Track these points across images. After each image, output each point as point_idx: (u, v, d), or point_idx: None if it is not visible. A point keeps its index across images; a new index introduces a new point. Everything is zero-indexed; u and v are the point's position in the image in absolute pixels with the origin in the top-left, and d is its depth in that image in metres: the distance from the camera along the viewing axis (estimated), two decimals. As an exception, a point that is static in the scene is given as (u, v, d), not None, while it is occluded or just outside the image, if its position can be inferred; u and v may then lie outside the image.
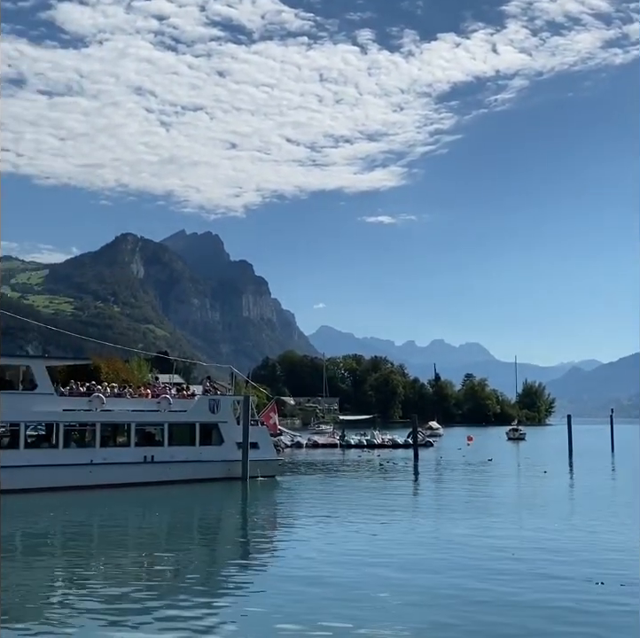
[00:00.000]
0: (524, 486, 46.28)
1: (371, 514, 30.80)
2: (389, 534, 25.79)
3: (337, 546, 23.53)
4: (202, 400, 44.36)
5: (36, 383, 38.91)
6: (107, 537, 27.31)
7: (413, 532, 26.57)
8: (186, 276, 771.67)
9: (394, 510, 32.51)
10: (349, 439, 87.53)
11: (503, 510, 32.83)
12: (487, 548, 23.14)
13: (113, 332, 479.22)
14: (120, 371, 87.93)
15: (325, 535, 25.83)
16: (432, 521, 29.48)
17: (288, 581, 18.67)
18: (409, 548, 23.23)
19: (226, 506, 36.73)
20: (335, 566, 20.30)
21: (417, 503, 37.30)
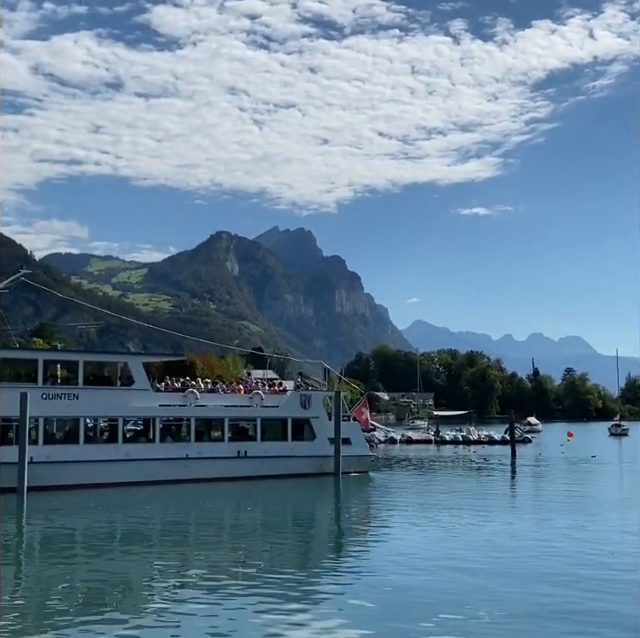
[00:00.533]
0: (626, 483, 44.48)
1: (466, 513, 30.10)
2: (484, 536, 25.02)
3: (431, 547, 22.98)
4: (294, 395, 44.46)
5: (133, 379, 39.79)
6: (202, 531, 27.61)
7: (509, 533, 25.65)
8: (279, 273, 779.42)
9: (489, 510, 31.66)
10: (444, 435, 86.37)
11: (604, 510, 31.52)
12: (587, 552, 22.16)
13: (210, 329, 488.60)
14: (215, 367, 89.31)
15: (419, 535, 25.35)
16: (529, 522, 28.48)
17: (379, 584, 18.13)
18: (505, 551, 22.36)
19: (319, 502, 36.66)
20: (429, 569, 19.67)
21: (514, 502, 36.27)
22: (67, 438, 38.14)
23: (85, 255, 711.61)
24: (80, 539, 25.78)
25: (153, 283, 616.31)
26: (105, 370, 41.45)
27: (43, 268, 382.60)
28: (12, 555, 23.06)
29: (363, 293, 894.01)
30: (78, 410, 37.68)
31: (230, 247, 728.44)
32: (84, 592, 17.71)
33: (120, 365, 41.50)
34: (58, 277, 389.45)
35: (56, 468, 36.12)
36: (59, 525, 28.21)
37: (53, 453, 36.55)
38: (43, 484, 34.83)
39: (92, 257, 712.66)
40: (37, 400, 35.89)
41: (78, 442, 37.55)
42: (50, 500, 33.05)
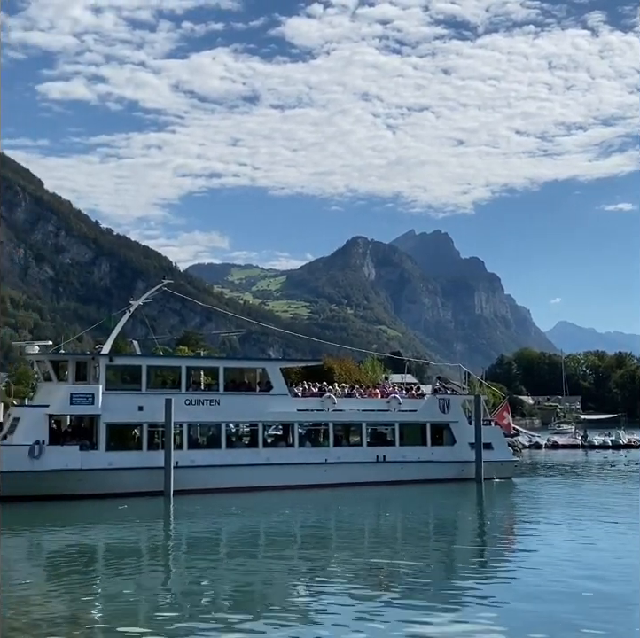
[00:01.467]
0: None
1: (617, 522, 28.53)
2: (636, 547, 23.61)
3: (580, 556, 21.89)
4: (432, 399, 43.78)
5: (272, 384, 40.35)
6: (342, 535, 27.57)
7: None
8: (417, 276, 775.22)
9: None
10: (592, 440, 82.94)
11: None
12: None
13: (348, 334, 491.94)
14: (353, 372, 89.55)
15: (565, 544, 24.23)
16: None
17: (527, 596, 17.28)
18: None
19: (461, 508, 35.80)
20: (579, 580, 18.69)
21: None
22: (210, 442, 39.10)
23: (226, 265, 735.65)
24: (225, 541, 26.29)
25: (292, 291, 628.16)
26: (245, 376, 42.27)
27: (187, 278, 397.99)
28: (161, 557, 23.81)
29: (504, 295, 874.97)
30: (219, 415, 38.55)
31: (366, 252, 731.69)
32: (231, 593, 17.96)
33: (258, 371, 42.22)
34: (201, 287, 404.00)
35: (200, 472, 37.08)
36: (205, 527, 28.93)
37: (197, 457, 37.54)
38: (188, 488, 35.84)
39: (233, 266, 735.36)
40: (181, 406, 36.97)
41: (220, 447, 38.41)
42: (194, 503, 33.98)
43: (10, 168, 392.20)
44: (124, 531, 27.66)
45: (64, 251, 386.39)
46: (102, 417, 36.07)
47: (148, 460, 36.22)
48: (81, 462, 35.18)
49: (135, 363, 39.18)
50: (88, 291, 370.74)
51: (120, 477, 35.50)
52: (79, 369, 37.49)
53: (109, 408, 36.14)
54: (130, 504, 32.98)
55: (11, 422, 36.23)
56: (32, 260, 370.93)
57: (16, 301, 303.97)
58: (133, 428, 37.51)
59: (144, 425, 36.94)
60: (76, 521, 29.54)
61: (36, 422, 35.25)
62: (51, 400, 36.19)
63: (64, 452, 35.06)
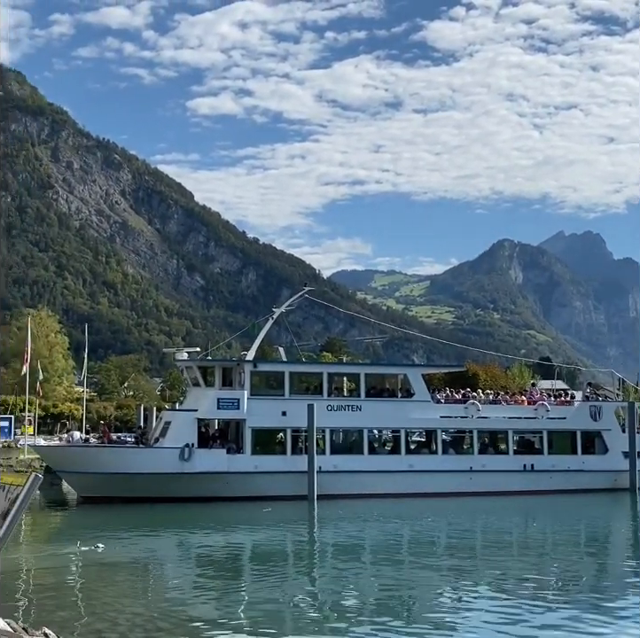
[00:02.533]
0: None
1: None
2: None
3: None
4: (582, 406, 42.06)
5: (413, 390, 40.00)
6: (489, 544, 27.04)
7: None
8: (567, 279, 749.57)
9: None
10: None
11: None
12: None
13: (494, 339, 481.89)
14: (498, 378, 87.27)
15: None
16: None
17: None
18: None
19: (614, 519, 34.44)
20: None
21: None
22: (352, 448, 39.23)
23: (369, 271, 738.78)
24: (368, 548, 26.26)
25: (436, 296, 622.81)
26: (386, 382, 42.15)
27: (331, 285, 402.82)
28: (306, 562, 24.03)
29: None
30: (361, 421, 38.59)
31: (513, 255, 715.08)
32: (375, 602, 17.81)
33: (400, 377, 41.99)
34: (345, 294, 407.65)
35: (342, 477, 37.26)
36: (348, 532, 29.04)
37: (340, 462, 37.74)
38: (331, 492, 36.07)
39: (376, 273, 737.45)
40: (323, 412, 37.30)
41: (362, 453, 38.45)
42: (337, 508, 34.18)
43: (163, 182, 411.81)
44: (269, 534, 28.22)
45: (213, 260, 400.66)
46: (247, 422, 36.97)
47: (292, 464, 36.79)
48: (227, 465, 36.20)
49: (278, 369, 39.96)
50: (236, 299, 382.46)
51: (265, 480, 36.25)
52: (225, 374, 38.64)
53: (254, 412, 36.99)
54: (275, 507, 33.60)
55: (163, 425, 37.80)
56: (184, 270, 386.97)
57: (170, 310, 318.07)
58: (277, 433, 38.23)
59: (287, 430, 37.57)
60: (223, 523, 30.37)
61: (186, 426, 36.58)
62: (200, 404, 37.46)
63: (212, 455, 36.21)
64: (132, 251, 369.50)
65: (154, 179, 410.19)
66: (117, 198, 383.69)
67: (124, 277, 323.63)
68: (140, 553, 24.02)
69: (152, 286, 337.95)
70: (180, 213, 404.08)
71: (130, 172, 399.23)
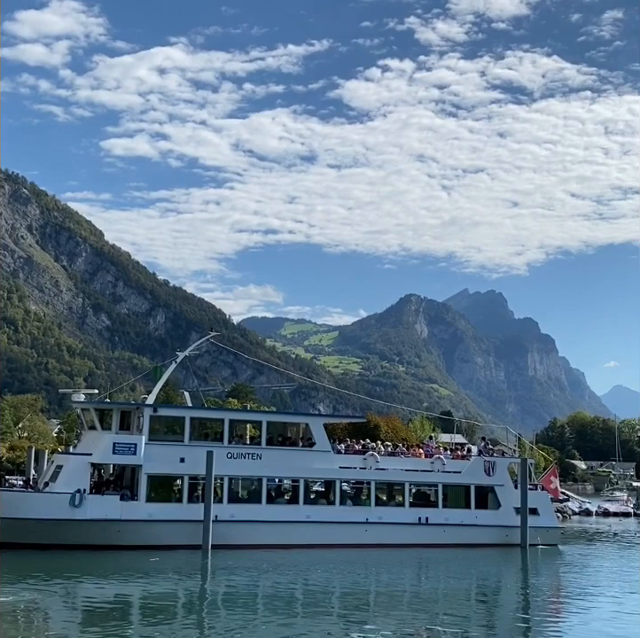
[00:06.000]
0: None
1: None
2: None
3: (623, 628, 21.06)
4: (477, 461, 42.95)
5: (314, 440, 40.11)
6: (380, 598, 27.08)
7: None
8: (469, 335, 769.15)
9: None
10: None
11: None
12: None
13: (399, 391, 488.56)
14: (399, 430, 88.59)
15: (613, 616, 23.36)
16: None
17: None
18: None
19: (505, 575, 34.90)
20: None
21: None
22: (251, 497, 38.87)
23: (279, 319, 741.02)
24: (261, 599, 25.98)
25: (344, 346, 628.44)
26: (289, 431, 42.14)
27: (241, 331, 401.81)
28: (195, 612, 23.59)
29: (558, 357, 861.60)
30: (261, 470, 38.33)
31: (419, 310, 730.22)
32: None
33: (302, 426, 42.06)
34: (254, 340, 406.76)
35: (239, 527, 36.83)
36: (241, 584, 28.62)
37: (237, 512, 37.31)
38: (227, 542, 35.58)
39: (286, 321, 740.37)
40: (223, 459, 36.94)
41: (260, 502, 38.15)
42: (232, 558, 33.68)
43: (73, 219, 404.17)
44: (159, 585, 27.61)
45: (121, 301, 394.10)
46: (144, 468, 36.22)
47: (188, 513, 36.16)
48: (120, 513, 35.27)
49: (178, 415, 39.49)
50: (143, 341, 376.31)
51: (160, 529, 35.47)
52: (123, 418, 37.88)
53: (151, 458, 36.31)
54: (168, 557, 32.90)
55: (54, 469, 36.64)
56: (90, 309, 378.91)
57: (72, 349, 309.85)
58: (174, 479, 37.55)
59: (184, 477, 36.96)
60: (113, 572, 29.51)
61: (79, 470, 35.55)
62: (95, 448, 36.53)
63: (104, 501, 35.23)
64: (36, 287, 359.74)
65: (63, 216, 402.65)
66: (23, 233, 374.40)
67: (26, 314, 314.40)
68: (23, 603, 23.07)
69: (54, 324, 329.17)
70: (88, 251, 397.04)
71: (39, 207, 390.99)
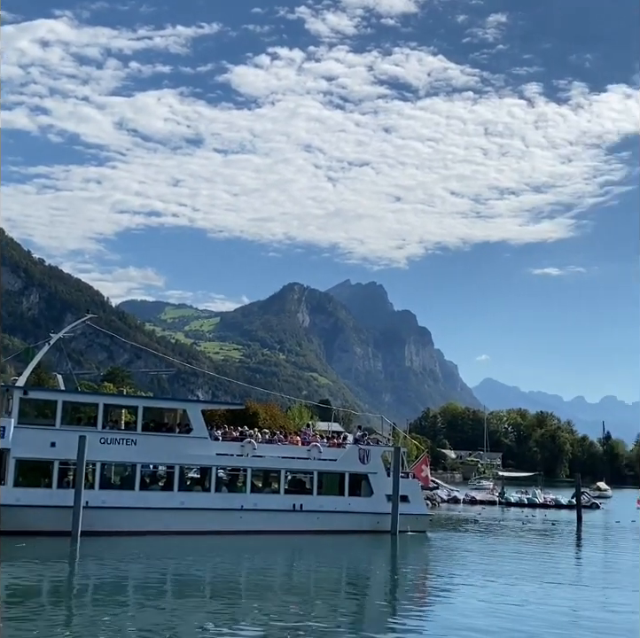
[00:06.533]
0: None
1: (524, 579, 28.87)
2: (541, 603, 23.93)
3: (488, 613, 22.01)
4: (352, 449, 43.81)
5: (192, 426, 39.87)
6: (252, 585, 27.15)
7: (567, 602, 24.52)
8: (350, 326, 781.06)
9: (547, 576, 30.28)
10: (509, 497, 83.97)
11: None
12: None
13: (278, 379, 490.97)
14: (277, 417, 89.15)
15: (474, 599, 24.41)
16: (589, 592, 27.13)
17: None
18: (564, 621, 21.37)
19: (374, 560, 35.73)
20: (485, 628, 19.03)
21: (573, 571, 34.60)
22: (123, 483, 38.28)
23: (160, 303, 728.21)
24: (129, 586, 25.65)
25: (225, 332, 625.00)
26: (165, 417, 41.70)
27: (119, 314, 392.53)
28: (63, 599, 23.07)
29: (433, 349, 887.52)
30: (135, 456, 37.81)
31: (301, 299, 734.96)
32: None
33: (179, 412, 41.70)
34: (133, 324, 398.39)
35: (111, 513, 36.22)
36: (110, 571, 28.12)
37: (109, 498, 36.67)
38: (98, 529, 34.93)
39: (167, 305, 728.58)
40: (96, 444, 36.20)
41: (134, 488, 37.61)
42: (103, 545, 33.10)
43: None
44: (25, 571, 26.76)
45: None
46: (12, 452, 35.05)
47: (57, 498, 35.24)
48: (-14, 498, 34.00)
49: (50, 398, 38.37)
50: (15, 320, 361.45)
51: (28, 514, 34.41)
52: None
53: (20, 442, 35.18)
54: (35, 544, 31.95)
55: None
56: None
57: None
58: (44, 464, 36.45)
59: (55, 462, 35.99)
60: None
61: (-58, 454, 34.01)
62: (-41, 432, 35.02)
63: (-31, 486, 33.88)
64: None
65: None
66: None
67: None
68: None
69: None
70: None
71: None
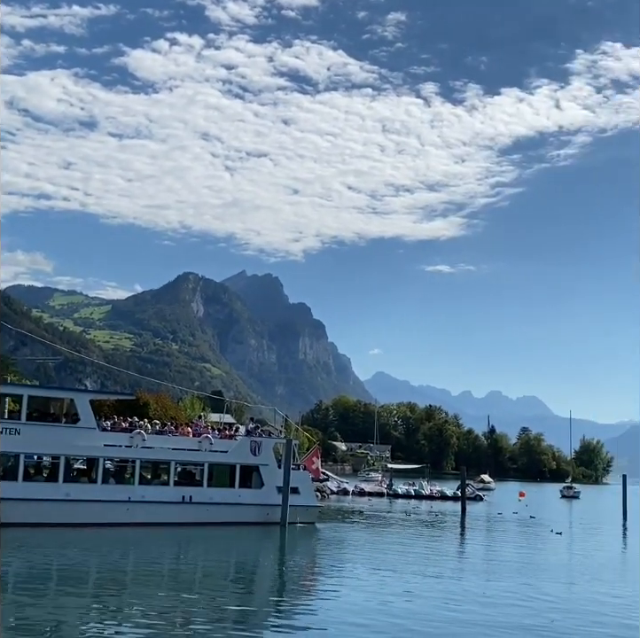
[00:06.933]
0: (565, 548, 44.19)
1: (408, 571, 29.55)
2: (424, 590, 24.71)
3: (371, 601, 22.51)
4: (244, 441, 43.77)
5: (79, 416, 38.89)
6: (138, 578, 26.72)
7: (449, 589, 25.32)
8: (245, 317, 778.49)
9: (431, 565, 31.20)
10: (397, 489, 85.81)
11: (541, 574, 31.13)
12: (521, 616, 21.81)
13: (170, 370, 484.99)
14: (169, 408, 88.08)
15: (360, 588, 24.90)
16: (469, 579, 28.10)
17: None
18: (444, 607, 22.12)
19: (263, 551, 35.87)
20: (369, 625, 19.34)
21: (455, 562, 35.67)
22: (6, 474, 36.93)
23: (48, 289, 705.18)
24: (10, 579, 24.76)
25: (116, 321, 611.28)
26: (52, 406, 40.51)
27: (4, 299, 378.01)
28: None
29: (327, 342, 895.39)
30: (18, 446, 36.57)
31: (196, 289, 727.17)
32: (11, 634, 16.89)
33: (66, 401, 40.57)
34: (19, 310, 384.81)
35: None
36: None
37: None
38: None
39: (55, 291, 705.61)
40: (-24, 434, 34.82)
41: (17, 479, 36.38)
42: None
43: None
44: None
45: None
46: None
47: None
48: None
49: None
50: None
51: None
52: None
53: None
54: None
55: None
56: None
57: None
58: None
59: None
60: None
61: None
62: None
63: None
64: None
65: None
66: None
67: None
68: None
69: None
70: None
71: None
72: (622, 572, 33.06)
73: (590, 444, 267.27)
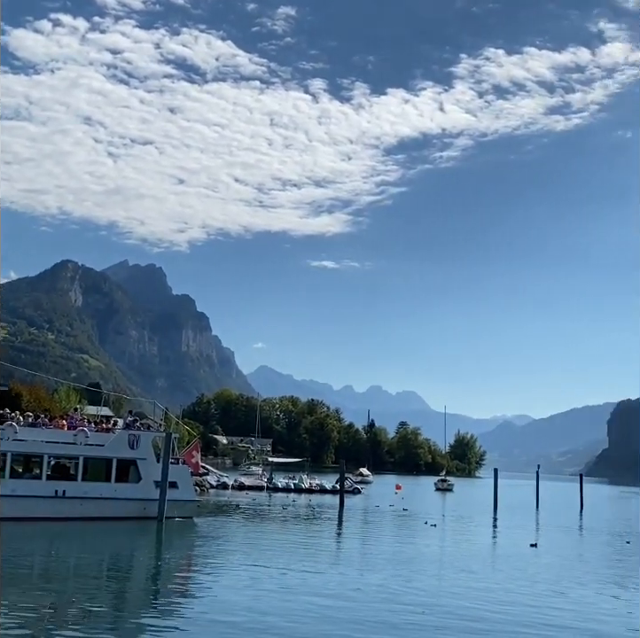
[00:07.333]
0: (438, 539, 45.62)
1: (285, 562, 29.77)
2: (298, 585, 24.90)
3: (244, 597, 22.49)
4: (121, 434, 42.87)
5: (-55, 408, 37.09)
6: (4, 574, 25.69)
7: (322, 584, 25.60)
8: (126, 307, 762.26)
9: (307, 559, 31.47)
10: (277, 482, 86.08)
11: (413, 565, 32.02)
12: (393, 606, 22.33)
13: (46, 360, 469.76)
14: (43, 400, 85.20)
15: (234, 585, 24.81)
16: (344, 573, 28.51)
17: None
18: (322, 598, 22.44)
19: (139, 547, 35.26)
20: (246, 620, 19.35)
21: (331, 555, 36.13)
22: None
23: None
24: None
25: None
26: None
27: None
28: None
29: (211, 335, 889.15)
30: None
31: (75, 277, 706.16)
32: None
33: None
34: None
35: None
36: None
37: None
38: None
39: None
40: None
41: None
42: None
43: None
44: None
45: None
46: None
47: None
48: None
49: None
50: None
51: None
52: None
53: None
54: None
55: None
56: None
57: None
58: None
59: None
60: None
61: None
62: None
63: None
64: None
65: None
66: None
67: None
68: None
69: None
70: None
71: None
72: (491, 563, 34.33)
73: (464, 438, 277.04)
